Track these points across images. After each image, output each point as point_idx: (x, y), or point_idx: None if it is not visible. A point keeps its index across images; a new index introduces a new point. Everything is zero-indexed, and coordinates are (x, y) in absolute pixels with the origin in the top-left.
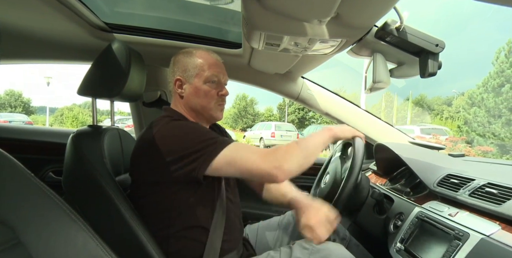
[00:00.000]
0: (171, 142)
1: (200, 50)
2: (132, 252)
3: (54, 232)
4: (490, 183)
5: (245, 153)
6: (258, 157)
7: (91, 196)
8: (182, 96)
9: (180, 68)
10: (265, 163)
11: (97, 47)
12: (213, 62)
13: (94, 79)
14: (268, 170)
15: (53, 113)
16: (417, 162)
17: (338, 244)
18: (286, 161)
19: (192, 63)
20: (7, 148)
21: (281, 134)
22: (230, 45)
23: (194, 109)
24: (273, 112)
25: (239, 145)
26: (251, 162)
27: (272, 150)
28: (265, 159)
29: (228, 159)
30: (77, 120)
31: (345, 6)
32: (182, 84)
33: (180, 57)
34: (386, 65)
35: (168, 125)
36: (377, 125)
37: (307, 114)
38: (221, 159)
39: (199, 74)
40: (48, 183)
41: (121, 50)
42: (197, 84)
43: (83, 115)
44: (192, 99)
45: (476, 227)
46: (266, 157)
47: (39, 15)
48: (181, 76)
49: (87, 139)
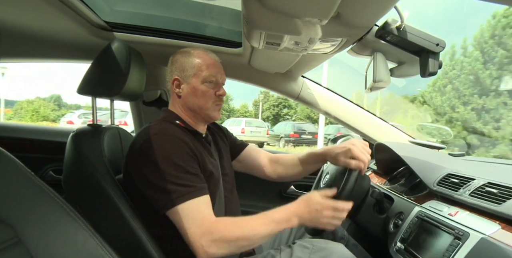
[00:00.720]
0: (150, 161)
1: (198, 50)
2: (131, 251)
3: (54, 231)
4: (490, 182)
5: (191, 216)
6: (194, 228)
7: (91, 195)
8: (180, 96)
9: (178, 68)
10: (195, 239)
11: (97, 46)
12: (211, 62)
13: (94, 78)
14: (195, 247)
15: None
16: (417, 161)
17: (338, 243)
18: (217, 246)
19: (190, 63)
20: (7, 147)
21: (251, 129)
22: (230, 44)
23: (192, 109)
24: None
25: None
26: (185, 229)
27: (213, 227)
28: (196, 234)
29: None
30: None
31: (345, 5)
32: (180, 84)
33: (178, 57)
34: (386, 64)
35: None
36: (377, 125)
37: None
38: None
39: (197, 74)
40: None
41: (121, 49)
42: (194, 84)
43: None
44: (189, 99)
45: (476, 227)
46: (199, 233)
47: (39, 14)
48: (179, 76)
49: (87, 137)
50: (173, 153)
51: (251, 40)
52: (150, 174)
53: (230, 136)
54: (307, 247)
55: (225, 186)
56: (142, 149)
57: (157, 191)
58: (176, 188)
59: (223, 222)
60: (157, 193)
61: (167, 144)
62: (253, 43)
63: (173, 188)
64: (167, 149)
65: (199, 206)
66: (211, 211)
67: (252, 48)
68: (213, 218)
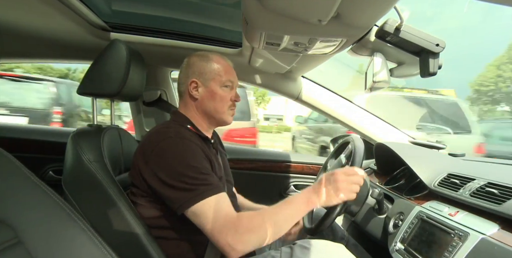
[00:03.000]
0: (166, 161)
1: (216, 55)
2: (132, 252)
3: (54, 231)
4: (490, 182)
5: (213, 213)
6: (218, 226)
7: (91, 195)
8: (196, 98)
9: (196, 71)
10: (220, 237)
11: (97, 47)
12: (228, 68)
13: (94, 78)
14: (221, 246)
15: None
16: (417, 161)
17: (338, 244)
18: (243, 242)
19: (209, 67)
20: (7, 147)
21: None
22: (230, 44)
23: (207, 112)
24: None
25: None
26: (209, 228)
27: (236, 223)
28: (222, 232)
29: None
30: None
31: (345, 5)
32: (197, 87)
33: (196, 60)
34: (386, 64)
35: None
36: (377, 125)
37: None
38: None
39: (216, 79)
40: (48, 182)
41: (121, 49)
42: (213, 88)
43: None
44: (206, 103)
45: (476, 227)
46: (224, 230)
47: (39, 15)
48: (197, 78)
49: (87, 138)
50: (189, 155)
51: (251, 41)
52: (167, 176)
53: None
54: (307, 248)
55: (228, 192)
56: (157, 151)
57: (174, 191)
58: (194, 187)
59: (245, 215)
60: (175, 193)
61: (183, 147)
62: (253, 43)
63: (191, 187)
64: (183, 151)
65: (220, 203)
66: (232, 207)
67: (252, 48)
68: (235, 213)
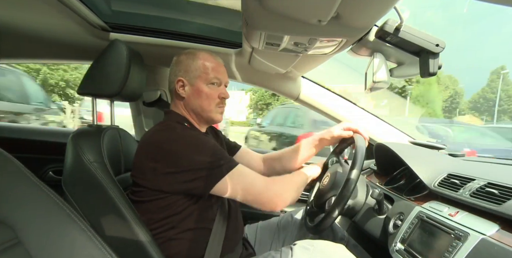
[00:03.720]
0: (176, 153)
1: (203, 52)
2: (132, 251)
3: (54, 232)
4: (490, 182)
5: (249, 179)
6: (262, 184)
7: (91, 196)
8: (183, 97)
9: (182, 69)
10: (268, 191)
11: (97, 47)
12: (216, 65)
13: (94, 79)
14: (270, 198)
15: None
16: (417, 161)
17: (338, 244)
18: (285, 191)
19: (195, 65)
20: (7, 147)
21: None
22: (230, 45)
23: (194, 110)
24: None
25: (243, 169)
26: (256, 189)
27: (272, 179)
28: (268, 187)
29: (232, 183)
30: None
31: (345, 6)
32: (184, 85)
33: (183, 58)
34: (386, 65)
35: (175, 134)
36: (377, 125)
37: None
38: (226, 182)
39: (202, 76)
40: (48, 182)
41: (121, 49)
42: (199, 86)
43: None
44: (193, 101)
45: (476, 227)
46: (269, 185)
47: (39, 15)
48: (183, 77)
49: (87, 138)
50: (199, 141)
51: (251, 41)
52: (184, 165)
53: (224, 138)
54: (308, 248)
55: None
56: (166, 146)
57: (196, 173)
58: (214, 164)
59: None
60: (197, 175)
61: (190, 137)
62: (253, 43)
63: (216, 164)
64: (193, 141)
65: (244, 171)
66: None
67: (252, 48)
68: (261, 177)
